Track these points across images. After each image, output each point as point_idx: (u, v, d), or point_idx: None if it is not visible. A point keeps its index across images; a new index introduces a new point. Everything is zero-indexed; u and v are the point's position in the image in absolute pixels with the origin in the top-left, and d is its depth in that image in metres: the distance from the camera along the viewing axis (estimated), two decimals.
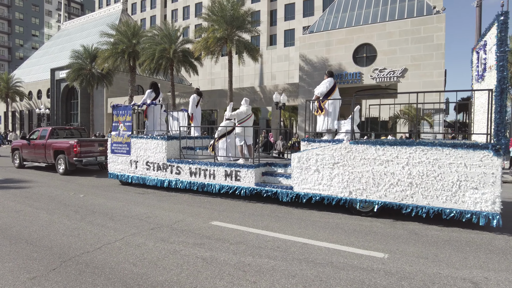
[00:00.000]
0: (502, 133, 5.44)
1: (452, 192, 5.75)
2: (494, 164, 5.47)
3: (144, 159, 9.48)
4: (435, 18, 21.05)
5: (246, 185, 7.79)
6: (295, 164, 7.18)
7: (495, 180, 5.47)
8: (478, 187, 5.57)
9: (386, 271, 3.99)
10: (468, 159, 5.63)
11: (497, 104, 5.46)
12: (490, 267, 4.18)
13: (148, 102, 9.87)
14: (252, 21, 26.01)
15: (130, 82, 29.97)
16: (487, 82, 6.52)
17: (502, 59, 5.46)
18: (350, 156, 6.54)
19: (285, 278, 3.78)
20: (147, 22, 54.13)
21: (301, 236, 5.23)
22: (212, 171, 8.30)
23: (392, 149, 6.17)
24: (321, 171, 6.86)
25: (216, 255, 4.42)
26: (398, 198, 6.16)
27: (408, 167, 6.06)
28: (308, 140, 7.35)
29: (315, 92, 7.80)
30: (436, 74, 20.96)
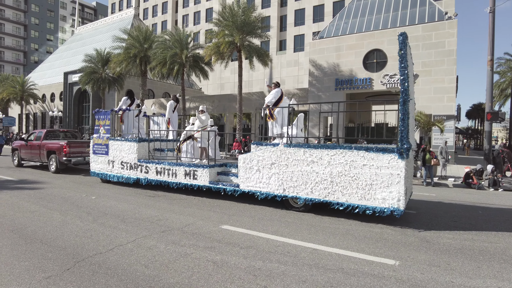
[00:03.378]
0: (405, 139, 6.04)
1: (366, 190, 6.34)
2: (399, 166, 6.03)
3: (119, 159, 10.45)
4: (446, 24, 20.89)
5: (202, 183, 8.68)
6: (241, 164, 7.95)
7: (399, 180, 6.02)
8: (386, 186, 6.14)
9: (397, 278, 3.96)
10: (379, 161, 6.20)
11: (400, 113, 6.06)
12: (504, 277, 4.11)
13: (123, 108, 10.93)
14: (262, 27, 26.19)
15: (141, 86, 30.40)
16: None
17: (403, 74, 6.11)
18: (284, 157, 7.27)
19: (296, 283, 3.78)
20: (159, 27, 54.89)
21: (311, 242, 5.22)
22: (174, 170, 9.19)
23: (317, 151, 6.88)
24: (261, 170, 7.62)
25: (227, 259, 4.44)
26: (322, 195, 6.81)
27: (329, 168, 6.72)
28: (257, 144, 7.82)
29: (266, 101, 8.42)
30: (447, 80, 20.75)
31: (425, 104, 20.68)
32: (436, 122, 15.86)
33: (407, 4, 23.68)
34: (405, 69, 6.10)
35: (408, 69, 6.21)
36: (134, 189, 10.01)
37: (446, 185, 12.94)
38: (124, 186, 10.49)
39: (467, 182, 12.57)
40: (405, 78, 6.10)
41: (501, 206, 8.92)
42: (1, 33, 69.13)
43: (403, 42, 6.17)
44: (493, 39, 14.88)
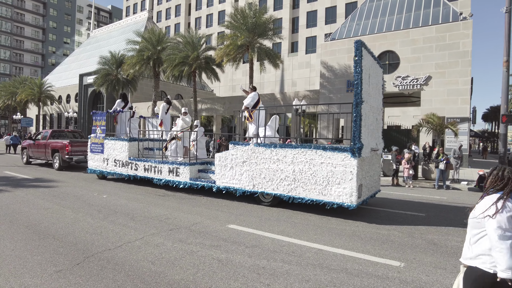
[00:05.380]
0: (358, 139, 6.48)
1: (323, 186, 6.84)
2: (351, 163, 6.50)
3: (113, 157, 11.25)
4: (461, 25, 20.52)
5: (183, 179, 9.29)
6: (217, 162, 8.52)
7: (352, 177, 6.50)
8: (341, 182, 6.62)
9: (402, 279, 3.95)
10: (334, 159, 6.70)
11: (353, 115, 6.49)
12: None
13: (117, 110, 11.79)
14: (274, 28, 26.27)
15: (154, 88, 30.84)
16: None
17: (357, 78, 6.50)
18: (254, 156, 7.83)
19: (299, 282, 3.81)
20: (172, 30, 55.63)
21: (316, 242, 5.24)
22: (160, 167, 9.89)
23: (282, 150, 7.44)
24: (235, 168, 8.18)
25: (232, 257, 4.51)
26: (286, 191, 7.35)
27: (292, 165, 7.24)
28: (234, 143, 8.34)
29: (244, 104, 8.83)
30: (461, 82, 20.36)
31: (438, 106, 20.35)
32: (449, 125, 15.59)
33: (420, 5, 23.37)
34: (359, 74, 6.50)
35: (363, 74, 6.58)
36: (144, 187, 10.19)
37: (459, 189, 12.71)
38: (135, 185, 10.69)
39: (480, 185, 12.30)
40: (358, 82, 6.50)
41: None
42: (21, 36, 71.20)
43: (359, 49, 6.54)
44: (509, 39, 14.54)
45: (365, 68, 6.80)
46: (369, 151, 7.31)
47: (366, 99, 6.94)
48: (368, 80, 7.16)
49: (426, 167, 14.64)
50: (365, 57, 6.90)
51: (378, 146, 8.25)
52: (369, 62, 7.32)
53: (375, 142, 7.99)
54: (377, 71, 8.27)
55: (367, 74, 7.01)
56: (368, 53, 7.18)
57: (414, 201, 9.49)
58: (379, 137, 8.58)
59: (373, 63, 7.76)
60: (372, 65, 7.64)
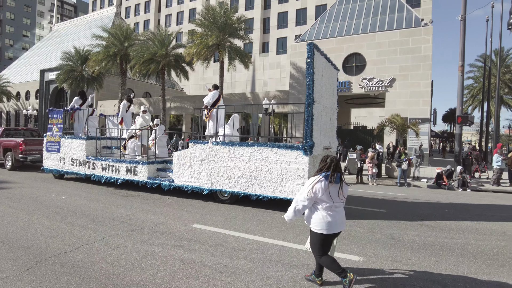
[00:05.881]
0: (309, 137, 6.71)
1: (278, 183, 7.03)
2: (303, 161, 6.76)
3: (70, 156, 10.90)
4: (423, 30, 21.57)
5: (141, 178, 9.18)
6: (175, 161, 8.49)
7: (304, 174, 6.72)
8: (294, 179, 6.84)
9: (360, 273, 4.07)
10: (288, 157, 6.91)
11: (305, 114, 6.72)
12: (459, 270, 4.30)
13: (75, 107, 11.50)
14: (244, 28, 26.27)
15: (120, 85, 29.87)
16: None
17: (309, 80, 6.72)
18: (212, 154, 7.88)
19: (260, 279, 3.83)
20: (141, 26, 54.13)
21: (280, 239, 5.29)
22: (118, 166, 9.69)
23: (239, 149, 7.53)
24: (193, 166, 8.19)
25: (194, 257, 4.45)
26: (243, 188, 7.47)
27: (249, 163, 7.38)
28: (194, 142, 8.38)
29: (204, 102, 8.86)
30: (423, 85, 21.41)
31: (401, 107, 21.27)
32: (411, 125, 16.33)
33: (386, 9, 24.31)
34: (311, 76, 6.71)
35: (315, 75, 6.80)
36: (107, 188, 9.84)
37: (419, 186, 13.35)
38: (97, 185, 10.29)
39: (438, 182, 13.00)
40: (310, 83, 6.72)
41: (466, 205, 9.28)
42: None
43: (311, 51, 6.70)
44: (463, 45, 15.46)
45: (317, 70, 7.02)
46: (322, 149, 7.58)
47: (319, 100, 7.20)
48: (321, 81, 7.40)
49: (389, 165, 15.25)
50: (318, 58, 7.12)
51: (331, 145, 8.56)
52: (322, 64, 7.55)
53: (328, 141, 8.29)
54: (331, 72, 8.52)
55: (319, 75, 7.25)
56: (321, 55, 7.41)
57: (377, 198, 9.86)
58: (333, 136, 8.90)
59: (327, 65, 8.01)
60: (326, 67, 7.88)
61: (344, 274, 3.40)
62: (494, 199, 10.55)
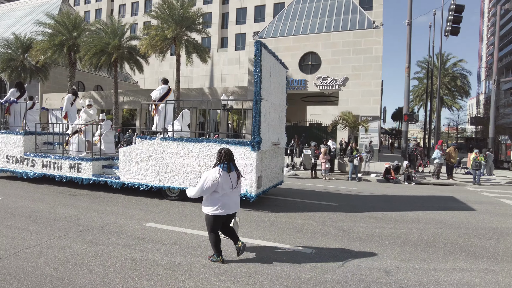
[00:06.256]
0: (257, 133, 6.88)
1: None
2: (251, 156, 6.92)
3: (5, 153, 10.07)
4: (374, 32, 22.70)
5: (86, 176, 8.80)
6: (121, 157, 8.22)
7: (252, 169, 6.90)
8: (243, 175, 6.62)
9: (312, 265, 4.23)
10: (237, 153, 6.90)
11: (253, 111, 6.87)
12: (402, 257, 4.63)
13: (11, 100, 10.69)
14: (202, 22, 25.85)
15: (69, 77, 27.99)
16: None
17: (257, 77, 6.83)
18: (160, 150, 7.74)
19: (215, 275, 3.83)
20: (91, 16, 50.93)
21: None
22: (60, 163, 9.18)
23: (188, 144, 7.48)
24: (140, 163, 7.99)
25: (147, 256, 4.33)
26: (192, 184, 7.35)
27: (198, 159, 7.39)
28: (141, 137, 8.20)
29: (152, 96, 8.62)
30: (374, 84, 22.58)
31: (354, 105, 22.26)
32: (362, 122, 17.19)
33: (340, 10, 25.23)
34: (259, 73, 6.82)
35: (263, 73, 6.95)
36: (53, 187, 9.20)
37: (369, 180, 14.12)
38: (42, 184, 9.57)
39: (386, 177, 13.85)
40: (258, 81, 6.83)
41: (410, 197, 10.00)
42: None
43: (258, 48, 6.79)
44: (410, 48, 16.55)
45: (265, 67, 7.13)
46: (270, 145, 7.75)
47: (267, 97, 7.32)
48: (269, 78, 7.53)
49: (342, 161, 15.94)
50: (266, 56, 7.22)
51: (280, 141, 8.75)
52: (270, 62, 7.68)
53: (277, 137, 8.48)
54: (280, 70, 8.68)
55: (267, 73, 7.37)
56: (269, 53, 7.52)
57: (329, 192, 10.27)
58: (282, 132, 9.09)
59: (275, 63, 8.14)
60: (274, 65, 8.01)
61: (218, 254, 4.20)
62: (434, 191, 11.48)
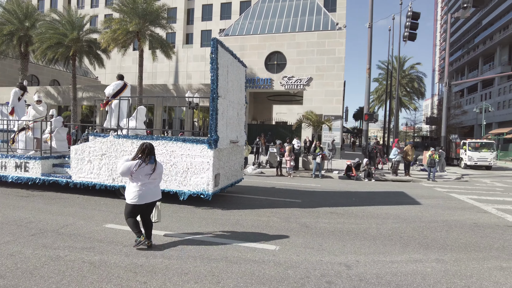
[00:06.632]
0: (214, 131, 6.90)
1: (183, 177, 7.06)
2: (208, 154, 6.89)
3: None
4: (337, 34, 23.41)
5: (34, 175, 8.36)
6: (73, 155, 7.92)
7: (209, 167, 6.89)
8: (199, 173, 6.96)
9: (276, 262, 4.29)
10: (193, 151, 6.98)
11: (210, 109, 6.90)
12: (362, 251, 4.83)
13: None
14: (167, 17, 25.22)
15: (21, 70, 26.11)
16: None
17: (213, 75, 6.85)
18: (114, 148, 7.54)
19: (178, 275, 3.76)
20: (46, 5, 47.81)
21: (200, 234, 5.26)
22: (4, 162, 8.65)
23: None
24: (93, 161, 7.77)
25: (106, 258, 4.16)
26: None
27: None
28: (94, 135, 7.93)
29: (105, 93, 8.38)
30: (336, 84, 23.30)
31: (317, 105, 22.85)
32: (325, 121, 17.69)
33: (305, 11, 25.72)
34: (215, 71, 6.83)
35: (219, 71, 6.98)
36: (2, 188, 8.55)
37: (331, 177, 14.57)
38: None
39: (348, 174, 14.37)
40: (214, 78, 6.83)
41: (370, 193, 10.45)
42: None
43: (214, 46, 6.79)
44: (371, 50, 17.26)
45: (222, 65, 7.12)
46: (228, 143, 7.76)
47: (224, 95, 7.32)
48: (227, 76, 7.54)
49: (306, 158, 16.31)
50: (222, 54, 7.21)
51: (239, 139, 8.76)
52: (228, 60, 7.68)
53: (236, 135, 8.49)
54: (238, 69, 8.69)
55: (224, 71, 7.38)
56: (226, 51, 7.51)
57: (294, 189, 10.47)
58: (241, 130, 9.11)
59: (233, 61, 8.14)
60: (232, 63, 8.01)
61: (139, 234, 4.49)
62: (392, 187, 12.08)
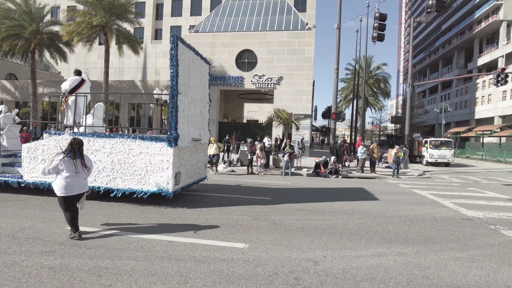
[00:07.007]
0: (174, 129, 6.81)
1: (142, 176, 6.96)
2: (168, 153, 6.82)
3: None
4: (307, 34, 23.79)
5: None
6: (24, 154, 7.61)
7: (169, 166, 6.81)
8: (158, 171, 6.87)
9: (245, 260, 4.30)
10: (153, 149, 6.90)
11: (170, 106, 6.84)
12: (329, 247, 4.96)
13: None
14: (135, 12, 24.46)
15: None
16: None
17: (173, 71, 6.80)
18: None
19: (144, 277, 3.68)
20: None
21: (167, 234, 5.17)
22: None
23: (100, 140, 7.19)
24: (47, 160, 7.38)
25: (68, 262, 3.98)
26: (104, 182, 7.15)
27: (111, 156, 7.12)
28: (49, 133, 7.70)
29: (61, 88, 8.09)
30: (306, 84, 23.70)
31: (287, 104, 23.13)
32: (294, 120, 17.95)
33: (276, 10, 25.91)
34: (175, 67, 6.76)
35: (180, 67, 6.92)
36: None
37: (301, 174, 14.83)
38: None
39: (316, 171, 14.68)
40: (174, 75, 6.77)
41: (337, 190, 10.75)
42: None
43: (174, 42, 6.72)
44: (338, 51, 17.71)
45: (182, 62, 7.05)
46: (190, 141, 7.69)
47: (185, 92, 7.26)
48: (188, 73, 7.47)
49: (276, 156, 16.48)
50: (183, 51, 7.14)
51: (201, 137, 8.70)
52: (189, 56, 7.60)
53: (198, 133, 8.43)
54: (201, 66, 8.62)
55: (186, 67, 7.31)
56: (187, 48, 7.44)
57: (264, 187, 10.55)
58: (204, 128, 9.05)
59: (195, 58, 8.06)
60: (194, 60, 7.94)
61: (75, 230, 4.81)
62: (359, 184, 12.50)
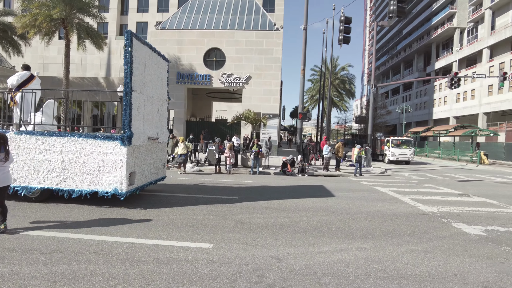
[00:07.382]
0: (127, 127, 6.70)
1: (94, 176, 6.80)
2: (122, 152, 6.69)
3: None
4: (275, 34, 24.02)
5: None
6: None
7: (122, 165, 6.70)
8: (111, 171, 6.74)
9: (209, 259, 4.28)
10: (105, 148, 6.75)
11: (124, 104, 6.74)
12: (293, 244, 5.05)
13: None
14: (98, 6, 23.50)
15: None
16: None
17: (127, 68, 6.68)
18: (15, 145, 6.94)
19: (104, 281, 3.56)
20: None
21: (130, 236, 5.03)
22: None
23: (50, 139, 6.92)
24: None
25: (19, 269, 3.75)
26: (54, 183, 6.89)
27: (62, 155, 6.88)
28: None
29: (8, 83, 7.68)
30: (274, 84, 23.94)
31: (256, 103, 23.25)
32: (262, 119, 18.09)
33: (244, 9, 25.92)
34: (129, 64, 6.65)
35: (134, 64, 6.80)
36: None
37: (268, 173, 14.98)
38: None
39: (283, 170, 14.90)
40: (127, 72, 6.64)
41: (303, 188, 10.97)
42: None
43: (128, 38, 6.60)
44: (305, 52, 18.06)
45: (138, 59, 6.93)
46: (145, 140, 7.56)
47: (140, 89, 7.13)
48: (144, 70, 7.35)
49: (244, 156, 16.53)
50: (138, 47, 7.01)
51: (159, 135, 8.56)
52: (145, 53, 7.47)
53: (155, 132, 8.29)
54: (159, 63, 8.49)
55: (141, 65, 7.19)
56: (143, 44, 7.30)
57: (231, 186, 10.54)
58: (162, 126, 8.89)
59: (152, 55, 7.93)
60: (151, 56, 7.81)
61: (1, 222, 4.96)
62: (324, 182, 12.83)
